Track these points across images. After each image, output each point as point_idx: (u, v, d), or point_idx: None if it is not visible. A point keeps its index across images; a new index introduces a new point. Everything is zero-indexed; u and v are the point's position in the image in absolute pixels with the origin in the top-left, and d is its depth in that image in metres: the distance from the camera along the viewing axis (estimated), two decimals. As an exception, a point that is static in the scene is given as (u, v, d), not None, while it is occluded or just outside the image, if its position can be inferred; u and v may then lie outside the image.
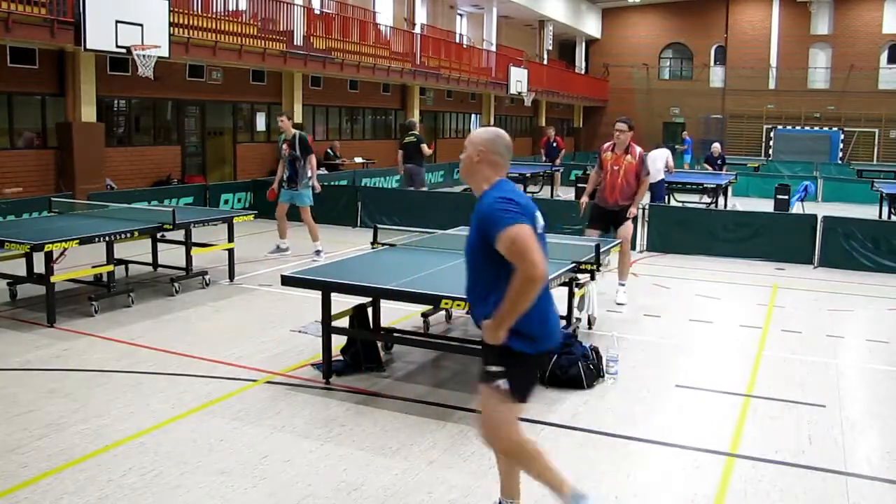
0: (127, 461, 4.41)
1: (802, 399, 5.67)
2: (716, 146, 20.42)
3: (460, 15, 31.25)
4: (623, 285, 8.52)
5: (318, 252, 10.55)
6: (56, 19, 12.18)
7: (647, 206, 12.70)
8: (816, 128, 35.49)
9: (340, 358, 6.05)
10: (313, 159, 10.76)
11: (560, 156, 21.40)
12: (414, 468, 4.40)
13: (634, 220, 8.78)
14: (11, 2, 11.70)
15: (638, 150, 8.37)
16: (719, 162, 19.67)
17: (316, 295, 5.87)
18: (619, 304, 8.32)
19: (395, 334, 6.57)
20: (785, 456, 4.69)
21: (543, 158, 21.77)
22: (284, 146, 10.60)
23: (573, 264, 6.32)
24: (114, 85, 15.38)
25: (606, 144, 8.62)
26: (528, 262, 3.13)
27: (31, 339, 6.80)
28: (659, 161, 14.93)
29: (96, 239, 7.71)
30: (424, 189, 15.61)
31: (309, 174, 10.69)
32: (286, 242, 10.88)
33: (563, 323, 6.91)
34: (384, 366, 6.12)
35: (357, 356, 6.03)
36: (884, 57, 35.42)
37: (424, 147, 15.10)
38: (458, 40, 28.90)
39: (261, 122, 19.81)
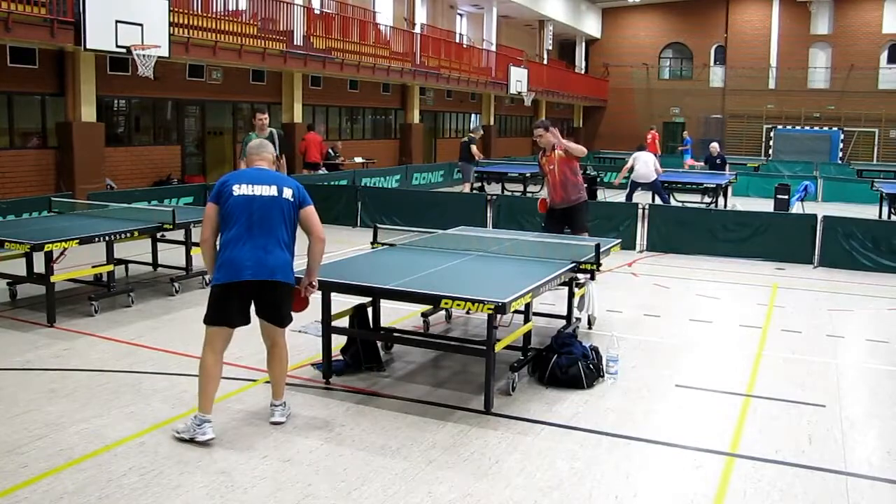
0: (127, 461, 4.41)
1: (802, 399, 5.67)
2: (714, 146, 20.43)
3: (460, 15, 31.25)
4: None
5: None
6: (56, 19, 12.18)
7: (647, 206, 12.71)
8: (816, 128, 35.50)
9: (340, 358, 6.04)
10: (284, 161, 9.81)
11: None
12: (414, 468, 4.40)
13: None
14: (11, 2, 11.70)
15: (555, 139, 8.56)
16: (718, 161, 19.67)
17: (316, 295, 5.87)
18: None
19: (395, 334, 6.57)
20: (785, 456, 4.69)
21: None
22: None
23: (573, 264, 6.32)
24: (114, 85, 15.39)
25: (540, 153, 8.81)
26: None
27: (31, 339, 6.80)
28: (650, 163, 15.85)
29: (96, 239, 7.71)
30: (467, 184, 17.00)
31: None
32: None
33: (563, 323, 6.93)
34: (384, 366, 6.12)
35: (357, 356, 6.02)
36: (884, 57, 35.44)
37: (473, 148, 17.15)
38: (458, 40, 28.91)
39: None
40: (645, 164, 15.84)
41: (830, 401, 5.66)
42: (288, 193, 4.79)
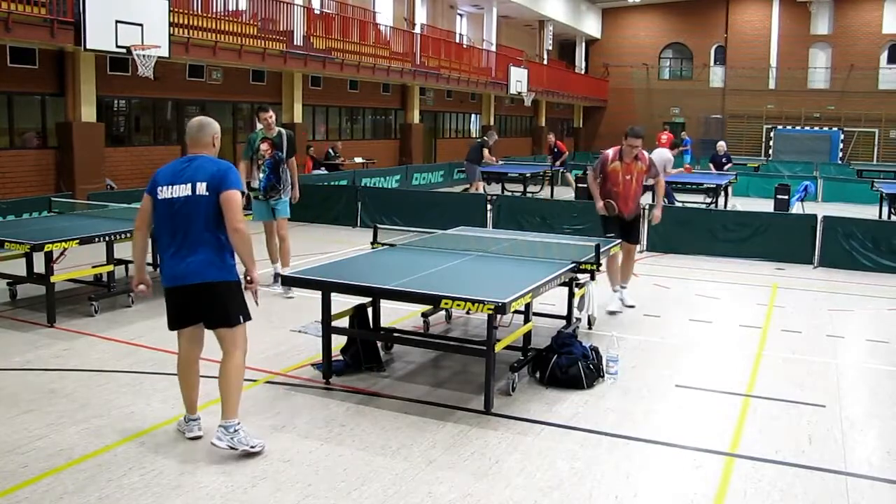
0: (127, 461, 4.41)
1: (802, 399, 5.67)
2: (721, 145, 20.41)
3: (460, 15, 31.25)
4: (624, 288, 8.24)
5: (278, 276, 8.60)
6: (56, 19, 12.18)
7: (647, 206, 12.70)
8: (816, 128, 35.49)
9: (340, 358, 6.04)
10: (295, 163, 9.09)
11: (563, 157, 21.60)
12: (414, 468, 4.40)
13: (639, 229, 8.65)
14: (11, 2, 11.70)
15: (646, 154, 8.18)
16: (724, 161, 19.66)
17: (316, 295, 5.87)
18: (612, 311, 8.03)
19: (395, 334, 6.57)
20: (785, 456, 4.69)
21: (550, 160, 21.93)
22: (265, 146, 8.71)
23: (573, 264, 6.32)
24: (114, 85, 15.39)
25: (610, 153, 8.18)
26: None
27: (31, 339, 6.80)
28: (658, 163, 15.02)
29: (96, 239, 7.71)
30: (480, 184, 17.12)
31: (290, 180, 8.96)
32: (279, 266, 8.98)
33: (563, 323, 6.93)
34: (384, 366, 6.12)
35: (357, 356, 6.02)
36: (884, 57, 35.43)
37: (486, 151, 17.26)
38: (458, 40, 28.90)
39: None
40: (659, 163, 15.38)
41: (830, 401, 5.66)
42: (202, 188, 4.40)
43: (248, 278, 4.57)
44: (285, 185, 8.84)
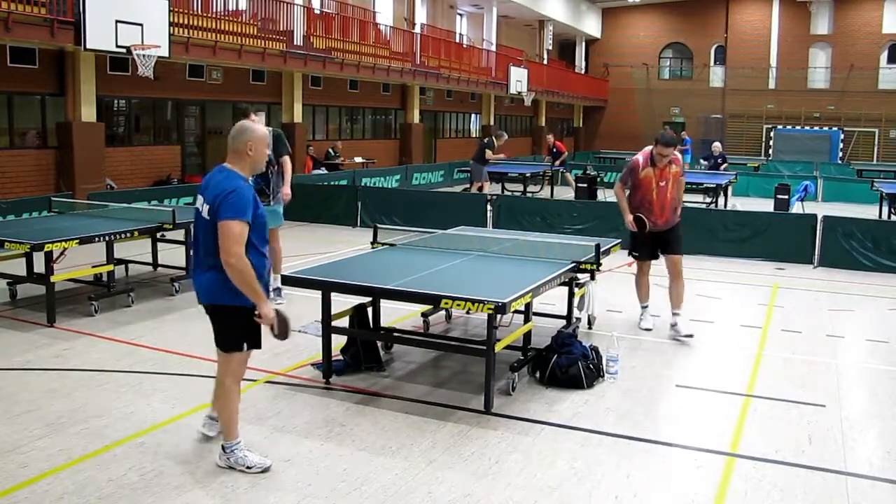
0: (127, 461, 4.41)
1: (802, 399, 5.67)
2: (716, 145, 20.43)
3: (460, 15, 31.25)
4: (677, 315, 7.28)
5: (278, 290, 8.06)
6: (56, 19, 12.18)
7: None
8: (816, 128, 35.49)
9: (340, 358, 6.04)
10: (290, 163, 8.32)
11: (563, 157, 21.58)
12: (414, 468, 4.40)
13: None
14: (11, 2, 11.70)
15: (679, 157, 7.46)
16: (719, 161, 19.65)
17: (316, 295, 5.87)
18: (646, 328, 7.50)
19: (395, 334, 6.56)
20: (785, 456, 4.69)
21: (547, 159, 21.94)
22: None
23: (573, 264, 6.32)
24: (114, 85, 15.38)
25: (640, 159, 7.30)
26: None
27: (31, 339, 6.80)
28: None
29: (96, 239, 7.71)
30: (478, 184, 17.02)
31: (280, 184, 8.22)
32: (277, 280, 7.84)
33: (563, 323, 6.93)
34: (384, 366, 6.12)
35: (357, 356, 6.02)
36: (884, 57, 35.42)
37: (489, 151, 17.03)
38: (458, 40, 28.90)
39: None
40: None
41: (830, 401, 5.66)
42: (206, 209, 4.16)
43: (256, 313, 4.19)
44: (275, 190, 8.06)
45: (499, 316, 5.20)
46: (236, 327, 4.25)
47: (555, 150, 21.40)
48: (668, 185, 7.19)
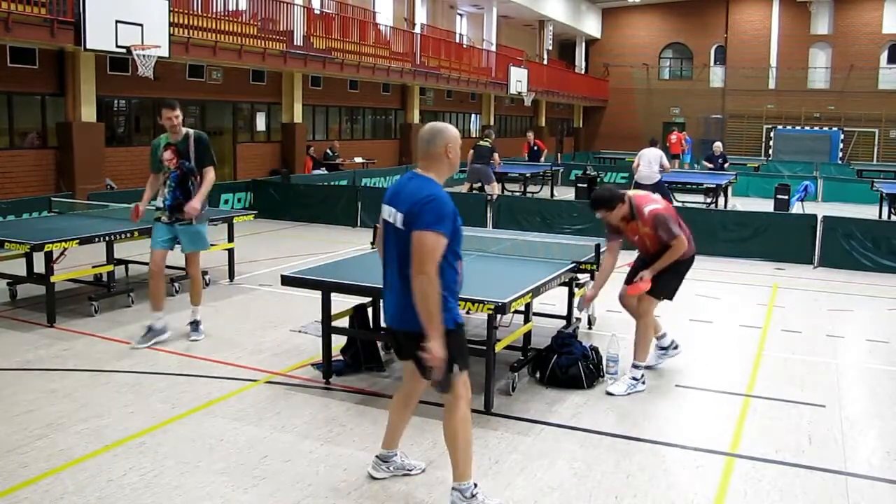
0: (127, 461, 4.41)
1: (802, 399, 5.67)
2: (717, 145, 20.43)
3: (460, 15, 31.24)
4: (637, 367, 5.83)
5: (196, 324, 6.93)
6: (56, 19, 12.18)
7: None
8: (816, 128, 35.48)
9: (340, 358, 6.04)
10: (212, 174, 6.90)
11: (543, 156, 21.82)
12: (414, 469, 4.39)
13: (668, 280, 5.84)
14: (11, 2, 11.70)
15: (646, 210, 5.65)
16: (720, 161, 19.66)
17: (316, 295, 5.87)
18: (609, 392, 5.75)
19: (395, 334, 6.55)
20: (785, 456, 4.69)
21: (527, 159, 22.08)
22: (168, 154, 6.83)
23: (573, 264, 6.32)
24: (114, 85, 15.38)
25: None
26: None
27: (31, 339, 6.80)
28: (654, 163, 14.94)
29: (96, 239, 7.71)
30: (492, 185, 16.96)
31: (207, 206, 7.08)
32: (162, 318, 6.80)
33: (563, 323, 6.93)
34: (384, 366, 6.12)
35: (357, 356, 6.02)
36: (884, 57, 35.42)
37: (496, 156, 17.06)
38: (458, 40, 28.90)
39: (261, 122, 19.83)
40: (648, 164, 14.85)
41: (830, 401, 5.66)
42: (398, 219, 3.72)
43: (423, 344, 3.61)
44: (201, 207, 6.86)
45: (499, 316, 5.20)
46: (453, 350, 3.69)
47: (535, 147, 21.52)
48: (647, 241, 5.82)
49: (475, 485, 3.86)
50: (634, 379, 5.75)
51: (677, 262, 5.71)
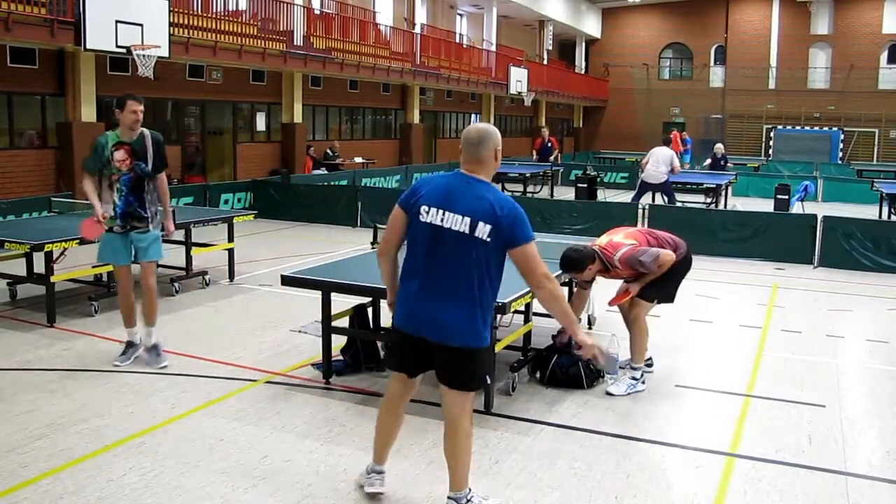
0: (127, 461, 4.41)
1: (802, 399, 5.67)
2: (718, 146, 20.43)
3: (460, 15, 31.25)
4: (635, 369, 5.87)
5: (156, 348, 6.15)
6: (56, 19, 12.19)
7: (647, 206, 12.71)
8: (816, 128, 35.49)
9: (340, 358, 6.04)
10: (166, 182, 6.31)
11: (554, 155, 21.50)
12: (414, 468, 4.39)
13: (660, 284, 5.78)
14: (11, 2, 11.70)
15: (616, 257, 5.56)
16: (722, 162, 19.67)
17: (316, 295, 5.87)
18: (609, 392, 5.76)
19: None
20: (785, 456, 4.69)
21: (535, 159, 21.94)
22: (120, 154, 5.97)
23: (573, 264, 6.30)
24: (114, 85, 15.36)
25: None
26: None
27: (31, 339, 6.80)
28: (663, 164, 14.51)
29: (96, 239, 7.69)
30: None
31: (159, 207, 6.25)
32: (138, 332, 6.24)
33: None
34: (384, 366, 6.11)
35: (357, 356, 6.02)
36: (884, 57, 35.44)
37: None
38: (458, 40, 28.91)
39: (261, 122, 19.84)
40: (656, 164, 14.47)
41: (830, 401, 5.66)
42: (464, 223, 3.56)
43: (575, 343, 3.77)
44: (153, 213, 6.15)
45: (499, 316, 5.20)
46: (487, 363, 3.79)
47: (549, 144, 21.37)
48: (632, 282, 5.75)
49: (469, 489, 3.83)
50: (634, 379, 5.77)
51: (671, 267, 5.66)
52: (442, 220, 3.56)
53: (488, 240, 3.50)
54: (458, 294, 3.55)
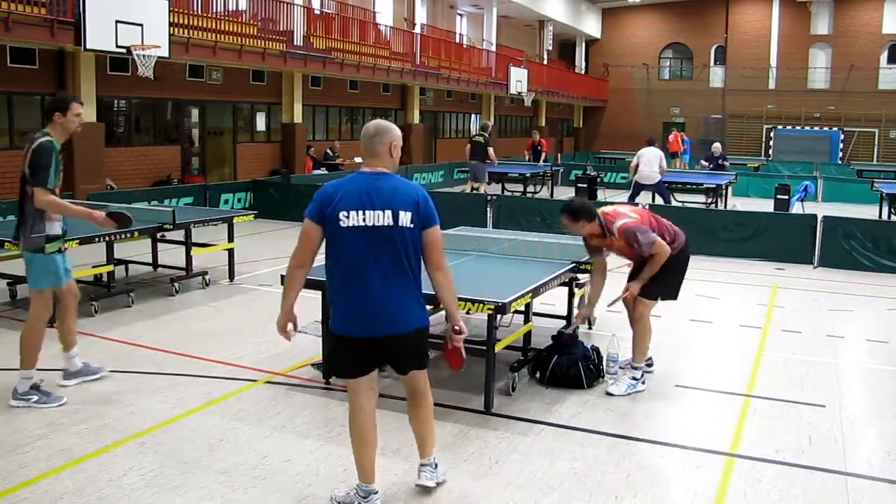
0: (127, 461, 4.41)
1: (802, 399, 5.67)
2: (716, 146, 20.43)
3: (460, 15, 31.24)
4: (636, 369, 5.81)
5: (31, 392, 5.20)
6: (56, 19, 12.19)
7: (647, 207, 12.68)
8: (816, 128, 35.49)
9: (340, 358, 6.03)
10: (46, 197, 5.47)
11: (543, 157, 21.81)
12: (414, 468, 4.38)
13: (661, 281, 5.70)
14: (11, 2, 11.70)
15: (616, 225, 5.54)
16: (719, 161, 19.65)
17: (316, 295, 5.87)
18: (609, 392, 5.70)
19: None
20: (785, 456, 4.69)
21: (528, 159, 22.05)
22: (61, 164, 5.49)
23: (573, 264, 6.32)
24: (114, 85, 15.38)
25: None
26: None
27: (31, 339, 6.78)
28: (654, 163, 14.86)
29: (96, 239, 7.70)
30: (484, 184, 16.98)
31: (48, 223, 5.43)
32: (32, 375, 5.28)
33: (563, 323, 6.93)
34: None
35: (357, 356, 6.01)
36: (884, 57, 35.44)
37: (490, 150, 16.77)
38: (458, 40, 28.91)
39: (261, 122, 19.84)
40: (649, 164, 14.76)
41: (830, 401, 5.66)
42: (405, 218, 3.72)
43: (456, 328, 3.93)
44: (31, 227, 5.40)
45: (499, 316, 5.20)
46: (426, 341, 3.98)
47: (539, 147, 21.51)
48: (625, 253, 5.80)
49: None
50: (634, 379, 5.76)
51: (670, 261, 5.64)
52: (364, 220, 3.67)
53: (412, 225, 3.69)
54: (401, 283, 3.72)
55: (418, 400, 4.04)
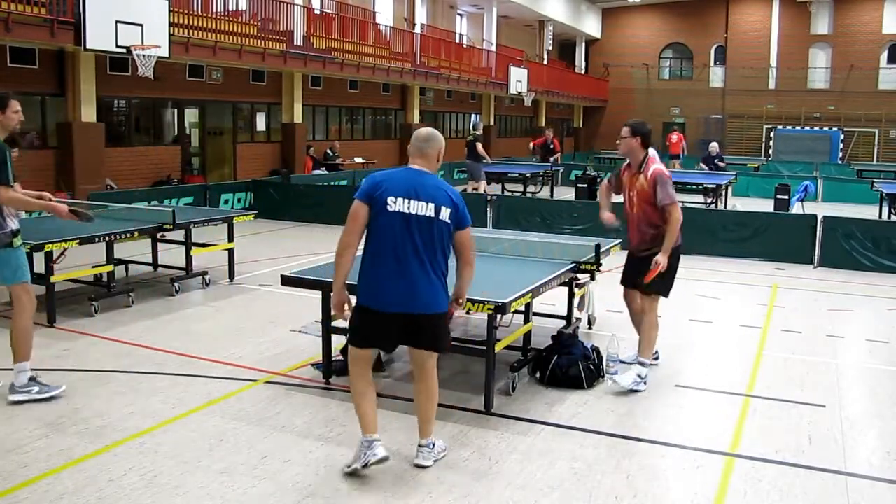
0: (127, 461, 4.41)
1: (802, 399, 5.67)
2: (713, 145, 20.43)
3: (460, 15, 31.25)
4: (643, 364, 5.80)
5: (31, 384, 5.25)
6: (56, 19, 12.19)
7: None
8: (816, 128, 35.49)
9: (340, 358, 6.03)
10: (8, 194, 5.74)
11: (555, 157, 21.50)
12: (414, 468, 4.39)
13: (662, 274, 5.69)
14: (11, 2, 11.71)
15: (652, 168, 5.76)
16: (717, 161, 19.64)
17: (316, 295, 5.87)
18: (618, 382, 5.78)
19: (395, 334, 6.55)
20: (785, 456, 4.69)
21: (536, 158, 21.95)
22: (14, 157, 5.95)
23: (573, 264, 6.32)
24: (114, 85, 15.39)
25: (626, 162, 6.14)
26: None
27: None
28: None
29: (96, 239, 7.71)
30: (483, 183, 16.89)
31: (9, 219, 5.64)
32: (28, 367, 5.27)
33: (563, 323, 6.93)
34: (384, 366, 6.12)
35: (357, 356, 6.02)
36: (884, 57, 35.44)
37: (479, 146, 16.84)
38: (458, 40, 28.91)
39: (261, 122, 19.84)
40: None
41: (830, 401, 5.66)
42: (429, 208, 4.16)
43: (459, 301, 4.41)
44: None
45: (499, 316, 5.20)
46: (447, 326, 4.38)
47: (551, 146, 21.37)
48: (634, 199, 5.86)
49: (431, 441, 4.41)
50: (639, 376, 5.76)
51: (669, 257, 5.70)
52: (409, 208, 4.10)
53: (449, 221, 4.15)
54: (429, 269, 4.13)
55: (424, 377, 4.34)
